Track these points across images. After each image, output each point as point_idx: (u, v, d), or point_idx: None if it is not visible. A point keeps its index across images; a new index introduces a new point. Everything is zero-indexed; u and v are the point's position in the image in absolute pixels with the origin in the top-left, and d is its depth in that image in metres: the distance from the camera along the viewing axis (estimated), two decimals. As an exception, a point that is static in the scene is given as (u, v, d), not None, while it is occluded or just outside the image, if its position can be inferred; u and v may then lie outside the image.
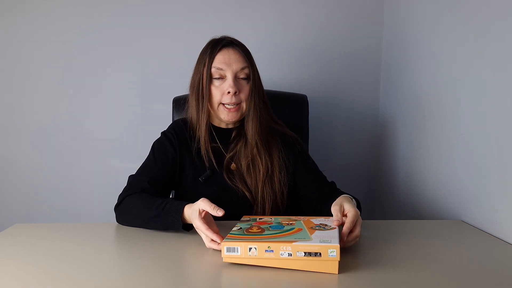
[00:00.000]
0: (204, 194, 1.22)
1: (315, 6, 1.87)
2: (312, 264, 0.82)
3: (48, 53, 1.83)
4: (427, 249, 0.99)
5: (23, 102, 1.85)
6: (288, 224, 0.97)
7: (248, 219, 1.05)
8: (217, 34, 1.84)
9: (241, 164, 1.24)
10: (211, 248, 0.94)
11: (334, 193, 1.22)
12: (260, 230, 0.93)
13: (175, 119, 1.64)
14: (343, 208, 0.98)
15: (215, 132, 1.27)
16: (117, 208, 1.17)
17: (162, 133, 1.32)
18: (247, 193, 1.21)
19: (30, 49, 1.82)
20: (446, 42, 1.39)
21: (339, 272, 0.82)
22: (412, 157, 1.64)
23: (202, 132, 1.23)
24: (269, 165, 1.23)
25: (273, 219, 1.03)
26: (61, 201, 1.90)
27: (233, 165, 1.25)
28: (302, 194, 1.29)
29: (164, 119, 1.82)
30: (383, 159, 1.93)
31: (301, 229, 0.92)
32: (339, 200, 1.02)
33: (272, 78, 1.81)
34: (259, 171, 1.22)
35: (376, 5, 1.90)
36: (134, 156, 1.90)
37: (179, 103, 1.65)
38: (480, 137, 1.20)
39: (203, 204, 0.96)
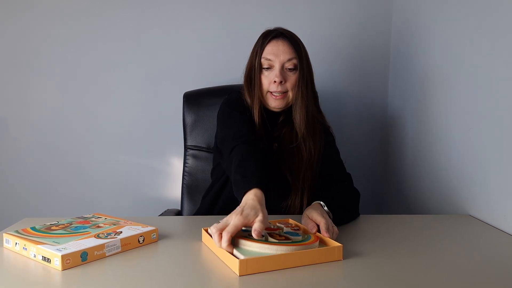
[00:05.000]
0: None
1: (323, 2, 1.88)
2: (320, 256, 0.84)
3: (59, 49, 1.86)
4: (434, 243, 0.99)
5: (34, 97, 1.87)
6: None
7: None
8: (227, 29, 1.89)
9: (283, 147, 1.28)
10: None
11: (333, 186, 1.26)
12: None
13: (186, 114, 1.65)
14: (313, 219, 0.99)
15: (266, 113, 1.30)
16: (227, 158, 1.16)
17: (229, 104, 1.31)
18: (288, 177, 1.25)
19: (41, 44, 1.85)
20: (455, 37, 1.38)
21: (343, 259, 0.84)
22: (421, 151, 1.64)
23: (255, 116, 1.27)
24: (312, 153, 1.28)
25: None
26: (71, 195, 1.92)
27: (274, 145, 1.29)
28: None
29: (174, 114, 1.84)
30: (392, 154, 1.93)
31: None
32: (308, 212, 1.03)
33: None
34: (302, 157, 1.27)
35: (385, 0, 1.90)
36: (144, 151, 1.93)
37: (190, 98, 1.66)
38: (488, 132, 1.19)
39: (261, 222, 0.85)
